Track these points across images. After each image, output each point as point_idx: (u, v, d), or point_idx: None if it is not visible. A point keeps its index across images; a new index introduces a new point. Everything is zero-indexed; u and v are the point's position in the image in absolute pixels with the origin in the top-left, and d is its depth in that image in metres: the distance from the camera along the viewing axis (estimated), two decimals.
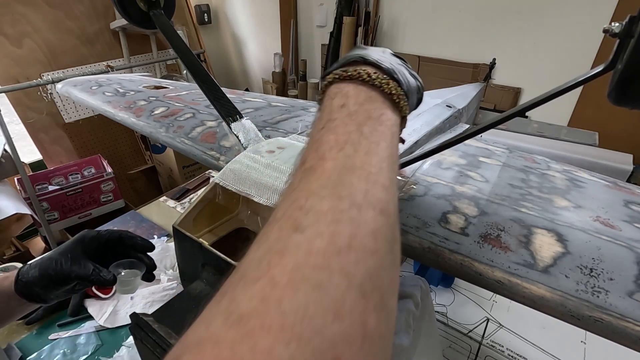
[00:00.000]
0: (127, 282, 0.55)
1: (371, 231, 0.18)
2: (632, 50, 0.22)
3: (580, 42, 1.68)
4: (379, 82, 0.26)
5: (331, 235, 0.17)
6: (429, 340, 0.73)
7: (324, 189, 0.19)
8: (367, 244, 0.17)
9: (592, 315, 0.30)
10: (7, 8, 1.72)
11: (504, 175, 0.49)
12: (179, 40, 0.48)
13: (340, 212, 0.18)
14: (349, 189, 0.19)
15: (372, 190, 0.20)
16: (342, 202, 0.18)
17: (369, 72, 0.27)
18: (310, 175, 0.21)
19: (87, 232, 0.53)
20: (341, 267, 0.16)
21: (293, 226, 0.17)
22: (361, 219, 0.18)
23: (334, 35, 2.44)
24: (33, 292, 0.48)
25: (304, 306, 0.14)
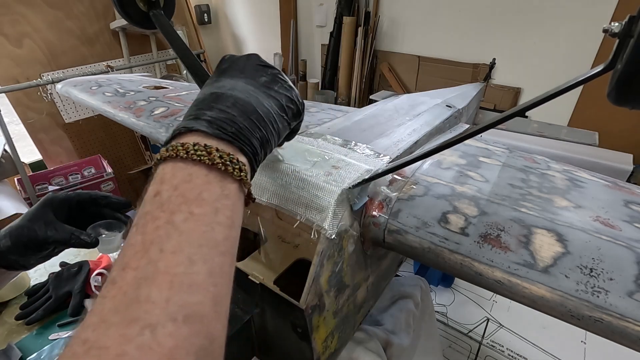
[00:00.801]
0: (108, 241, 0.54)
1: (168, 352, 0.17)
2: (631, 50, 0.22)
3: (580, 42, 1.68)
4: (197, 156, 0.24)
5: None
6: (429, 340, 0.73)
7: (115, 314, 0.18)
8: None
9: (592, 315, 0.30)
10: (7, 8, 1.72)
11: (504, 175, 0.49)
12: (179, 40, 0.48)
13: (127, 341, 0.17)
14: (145, 306, 0.18)
15: (174, 297, 0.19)
16: (131, 327, 0.17)
17: (188, 146, 0.25)
18: (107, 292, 0.19)
19: (53, 195, 0.51)
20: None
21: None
22: (154, 342, 0.17)
23: (334, 35, 2.44)
24: (10, 260, 0.46)
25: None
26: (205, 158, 0.25)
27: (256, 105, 0.30)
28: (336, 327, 0.45)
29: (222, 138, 0.26)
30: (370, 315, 0.67)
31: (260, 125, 0.29)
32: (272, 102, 0.31)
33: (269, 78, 0.32)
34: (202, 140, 0.26)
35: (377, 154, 0.49)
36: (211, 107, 0.28)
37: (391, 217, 0.43)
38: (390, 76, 2.40)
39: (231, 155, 0.26)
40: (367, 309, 0.56)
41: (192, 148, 0.25)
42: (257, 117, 0.29)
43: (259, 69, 0.33)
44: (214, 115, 0.27)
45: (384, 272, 0.57)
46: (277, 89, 0.32)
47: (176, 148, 0.25)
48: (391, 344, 0.62)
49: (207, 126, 0.27)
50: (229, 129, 0.27)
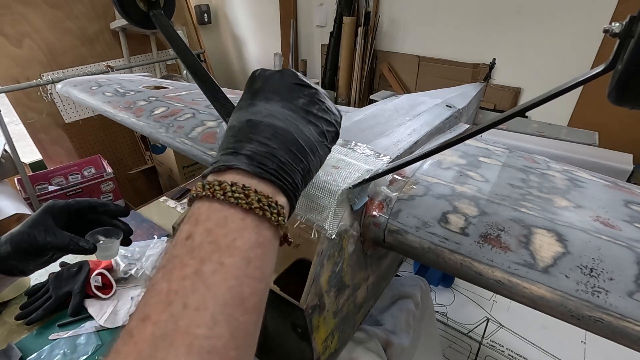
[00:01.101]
0: (106, 248, 0.55)
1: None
2: (632, 50, 0.22)
3: (580, 42, 1.68)
4: (235, 199, 0.23)
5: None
6: (429, 340, 0.73)
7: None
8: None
9: (592, 315, 0.30)
10: (7, 8, 1.72)
11: (504, 175, 0.49)
12: (179, 40, 0.48)
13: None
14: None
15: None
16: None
17: (226, 186, 0.24)
18: (123, 347, 0.18)
19: (54, 202, 0.52)
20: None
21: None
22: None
23: (334, 35, 2.44)
24: (10, 266, 0.47)
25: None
26: (242, 202, 0.23)
27: (296, 134, 0.28)
28: (336, 327, 0.45)
29: (263, 177, 0.25)
30: (370, 315, 0.67)
31: (302, 157, 0.28)
32: (312, 128, 0.29)
33: (307, 100, 0.30)
34: (241, 180, 0.24)
35: (377, 154, 0.49)
36: (250, 139, 0.27)
37: (391, 217, 0.43)
38: (390, 76, 2.40)
39: (270, 199, 0.24)
40: (367, 309, 0.56)
41: (229, 189, 0.24)
42: (299, 148, 0.27)
43: (295, 89, 0.30)
44: (254, 149, 0.26)
45: (384, 272, 0.57)
46: (316, 112, 0.30)
47: (213, 187, 0.24)
48: (391, 344, 0.62)
49: (247, 164, 0.25)
50: (270, 166, 0.25)
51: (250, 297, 0.22)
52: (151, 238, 1.04)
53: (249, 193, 0.24)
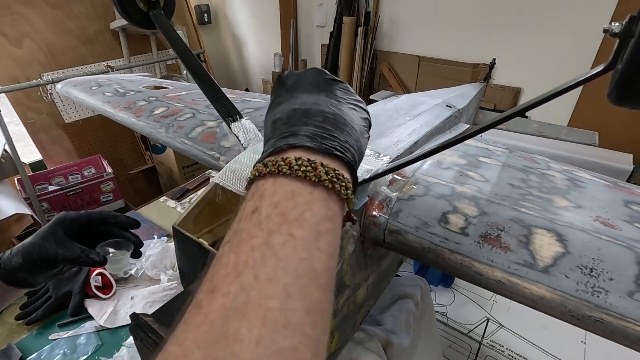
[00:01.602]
0: (116, 260, 0.55)
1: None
2: (632, 50, 0.22)
3: (580, 42, 1.68)
4: (302, 172, 0.22)
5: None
6: (429, 340, 0.73)
7: (198, 349, 0.16)
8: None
9: (592, 315, 0.30)
10: (7, 8, 1.72)
11: (504, 175, 0.49)
12: (179, 40, 0.48)
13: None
14: (232, 346, 0.15)
15: (266, 338, 0.16)
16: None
17: (291, 161, 0.23)
18: (192, 318, 0.18)
19: (66, 214, 0.52)
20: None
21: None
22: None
23: (334, 35, 2.44)
24: (19, 278, 0.47)
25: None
26: (311, 174, 0.22)
27: (345, 117, 0.28)
28: (336, 327, 0.45)
29: (328, 152, 0.24)
30: (370, 315, 0.67)
31: (356, 138, 0.27)
32: (356, 113, 0.30)
33: (342, 92, 0.30)
34: (305, 155, 0.24)
35: (377, 154, 0.49)
36: (304, 122, 0.26)
37: (391, 217, 0.43)
38: (390, 76, 2.40)
39: (337, 172, 0.24)
40: (367, 309, 0.56)
41: (295, 163, 0.23)
42: (351, 130, 0.27)
43: (330, 82, 0.31)
44: (312, 130, 0.25)
45: (384, 272, 0.57)
46: (353, 102, 0.30)
47: (277, 163, 0.23)
48: (391, 344, 0.62)
49: (309, 141, 0.24)
50: (331, 144, 0.25)
51: (323, 272, 0.20)
52: (151, 238, 1.04)
53: (316, 166, 0.23)
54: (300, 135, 0.25)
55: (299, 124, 0.26)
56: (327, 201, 0.23)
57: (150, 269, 0.89)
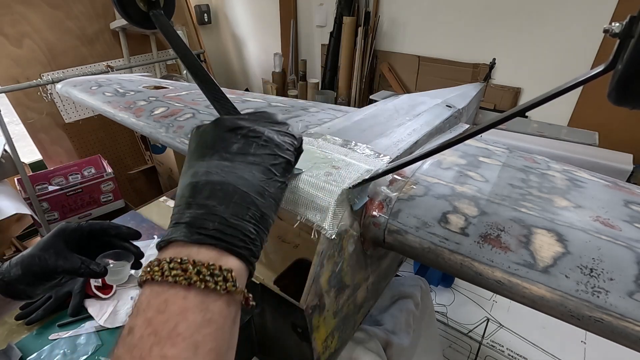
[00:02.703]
0: (116, 271, 0.55)
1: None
2: (632, 50, 0.22)
3: (580, 42, 1.67)
4: (173, 277, 0.22)
5: None
6: (429, 340, 0.73)
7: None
8: None
9: (592, 315, 0.30)
10: (7, 8, 1.72)
11: (504, 175, 0.49)
12: (179, 40, 0.48)
13: None
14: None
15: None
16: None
17: (163, 266, 0.22)
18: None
19: (66, 225, 0.52)
20: None
21: None
22: None
23: (334, 35, 2.44)
24: (18, 290, 0.47)
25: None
26: (180, 278, 0.22)
27: (236, 184, 0.26)
28: (336, 327, 0.45)
29: (203, 243, 0.24)
30: (370, 315, 0.67)
31: (248, 205, 0.26)
32: (254, 169, 0.28)
33: (241, 143, 0.28)
34: (180, 252, 0.23)
35: (377, 154, 0.49)
36: (189, 204, 0.26)
37: (391, 217, 0.43)
38: (390, 76, 2.40)
39: (212, 266, 0.23)
40: (367, 309, 0.56)
41: (167, 267, 0.22)
42: (241, 197, 0.26)
43: (228, 136, 0.29)
44: (193, 214, 0.25)
45: (384, 272, 0.57)
46: (253, 151, 0.28)
47: (152, 269, 0.22)
48: (391, 344, 0.62)
49: (185, 233, 0.24)
50: (210, 227, 0.24)
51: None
52: (151, 238, 1.04)
53: (187, 266, 0.22)
54: (180, 225, 0.25)
55: (184, 206, 0.26)
56: (204, 303, 0.22)
57: None
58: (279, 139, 0.30)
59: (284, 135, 0.31)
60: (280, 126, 0.32)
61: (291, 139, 0.32)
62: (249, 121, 0.30)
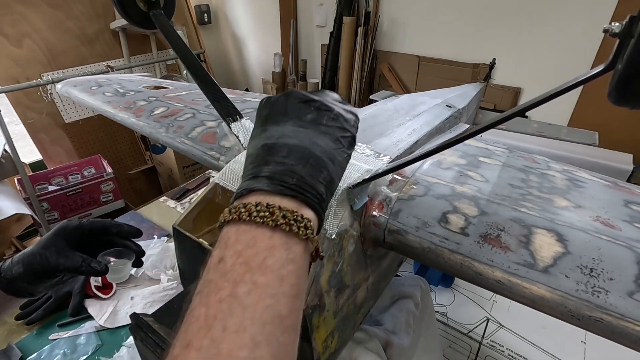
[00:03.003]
0: (117, 270, 0.55)
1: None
2: (632, 50, 0.22)
3: (580, 42, 1.68)
4: (260, 218, 0.24)
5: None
6: (429, 340, 0.73)
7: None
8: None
9: (592, 315, 0.30)
10: (7, 8, 1.72)
11: (504, 175, 0.49)
12: (179, 40, 0.48)
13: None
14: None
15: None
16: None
17: (251, 207, 0.24)
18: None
19: (67, 223, 0.52)
20: None
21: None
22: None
23: (334, 35, 2.44)
24: (19, 288, 0.47)
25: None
26: (268, 219, 0.24)
27: (311, 148, 0.28)
28: (336, 327, 0.45)
29: (285, 194, 0.25)
30: (370, 315, 0.67)
31: (322, 168, 0.28)
32: (326, 138, 0.30)
33: (314, 114, 0.30)
34: (264, 199, 0.25)
35: (377, 154, 0.49)
36: (267, 161, 0.27)
37: (391, 217, 0.43)
38: (390, 76, 2.40)
39: (295, 213, 0.25)
40: (367, 309, 0.56)
41: (254, 209, 0.24)
42: (316, 160, 0.28)
43: (302, 107, 0.31)
44: (272, 169, 0.26)
45: (384, 272, 0.57)
46: (326, 122, 0.30)
47: (238, 210, 0.24)
48: (391, 344, 0.62)
49: (267, 183, 0.26)
50: (290, 182, 0.26)
51: (288, 315, 0.22)
52: (151, 238, 1.04)
53: (274, 210, 0.24)
54: (260, 177, 0.26)
55: (262, 163, 0.27)
56: (288, 244, 0.24)
57: (150, 269, 0.89)
58: (347, 115, 0.32)
59: (349, 112, 0.33)
60: (345, 104, 0.34)
61: (355, 118, 0.33)
62: (319, 96, 0.32)
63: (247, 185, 0.27)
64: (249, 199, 0.25)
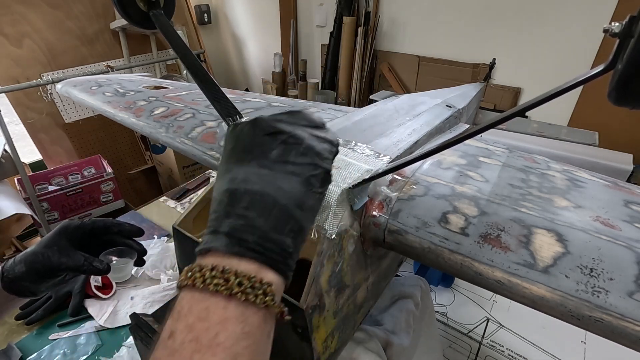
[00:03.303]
0: (119, 269, 0.55)
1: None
2: (632, 50, 0.22)
3: (580, 42, 1.68)
4: (214, 285, 0.22)
5: None
6: (429, 340, 0.73)
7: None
8: None
9: (592, 315, 0.30)
10: (7, 8, 1.72)
11: (504, 175, 0.49)
12: (179, 40, 0.48)
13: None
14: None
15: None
16: None
17: (206, 272, 0.22)
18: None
19: (69, 222, 0.52)
20: None
21: None
22: None
23: (334, 35, 2.44)
24: (22, 287, 0.47)
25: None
26: (222, 288, 0.22)
27: (275, 195, 0.25)
28: (336, 327, 0.45)
29: (244, 255, 0.24)
30: (370, 315, 0.67)
31: (288, 218, 0.25)
32: (293, 180, 0.27)
33: (281, 149, 0.27)
34: (221, 262, 0.23)
35: (377, 154, 0.49)
36: (228, 212, 0.25)
37: (391, 217, 0.43)
38: (390, 76, 2.40)
39: (253, 278, 0.23)
40: (367, 309, 0.56)
41: (209, 275, 0.22)
42: (280, 210, 0.25)
43: (267, 141, 0.28)
44: (232, 223, 0.25)
45: (384, 272, 0.57)
46: (293, 159, 0.27)
47: (194, 275, 0.23)
48: (391, 344, 0.62)
49: (225, 243, 0.24)
50: (250, 240, 0.24)
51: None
52: (151, 238, 1.04)
53: (229, 277, 0.22)
54: (219, 234, 0.24)
55: (223, 214, 0.25)
56: (244, 315, 0.22)
57: (150, 269, 0.89)
58: (319, 147, 0.29)
59: (323, 141, 0.29)
60: (320, 130, 0.30)
61: (330, 146, 0.30)
62: (289, 124, 0.28)
63: (206, 242, 0.25)
64: (207, 260, 0.24)
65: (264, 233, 0.24)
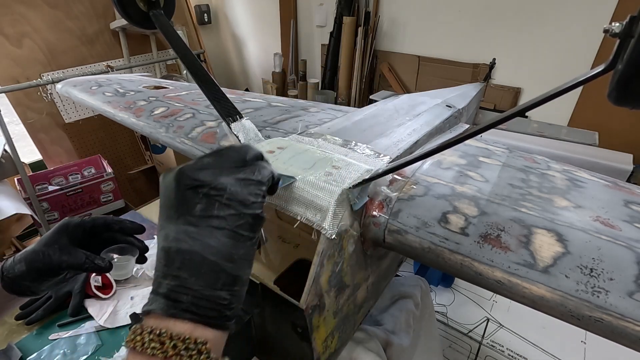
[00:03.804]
0: (121, 266, 0.54)
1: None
2: (632, 50, 0.22)
3: (580, 42, 1.67)
4: (151, 349, 0.23)
5: None
6: (429, 340, 0.73)
7: None
8: None
9: (592, 315, 0.30)
10: (7, 8, 1.72)
11: (504, 175, 0.49)
12: (179, 40, 0.48)
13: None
14: None
15: None
16: None
17: (144, 336, 0.24)
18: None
19: (69, 220, 0.51)
20: None
21: None
22: None
23: (334, 35, 2.44)
24: (22, 286, 0.47)
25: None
26: (158, 352, 0.23)
27: (203, 253, 0.26)
28: (336, 327, 0.45)
29: (179, 317, 0.25)
30: (370, 315, 0.67)
31: (218, 273, 0.26)
32: (219, 234, 0.27)
33: (204, 203, 0.27)
34: (159, 325, 0.25)
35: (377, 154, 0.49)
36: (164, 273, 0.27)
37: (391, 217, 0.43)
38: (390, 76, 2.40)
39: (187, 340, 0.24)
40: (367, 309, 0.56)
41: (147, 338, 0.24)
42: (210, 267, 0.26)
43: (189, 196, 0.28)
44: (169, 285, 0.26)
45: (384, 272, 0.57)
46: (217, 213, 0.27)
47: (135, 338, 0.24)
48: (391, 344, 0.62)
49: (162, 305, 0.25)
50: (184, 300, 0.25)
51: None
52: (151, 238, 1.04)
53: (164, 340, 0.24)
54: (158, 296, 0.26)
55: (161, 274, 0.27)
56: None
57: (150, 269, 0.89)
58: (244, 194, 0.29)
59: (248, 184, 0.29)
60: (246, 171, 0.30)
61: (257, 187, 0.30)
62: (211, 171, 0.28)
63: (148, 304, 0.26)
64: (148, 322, 0.25)
65: (197, 292, 0.26)
